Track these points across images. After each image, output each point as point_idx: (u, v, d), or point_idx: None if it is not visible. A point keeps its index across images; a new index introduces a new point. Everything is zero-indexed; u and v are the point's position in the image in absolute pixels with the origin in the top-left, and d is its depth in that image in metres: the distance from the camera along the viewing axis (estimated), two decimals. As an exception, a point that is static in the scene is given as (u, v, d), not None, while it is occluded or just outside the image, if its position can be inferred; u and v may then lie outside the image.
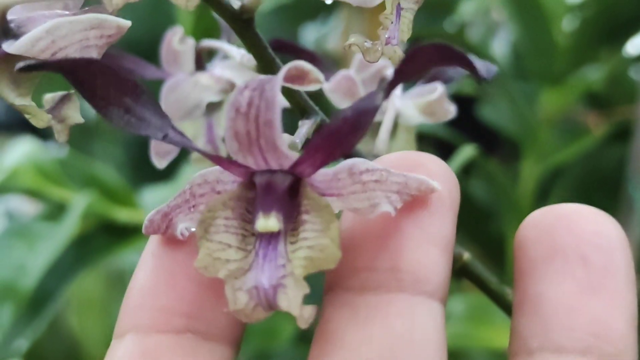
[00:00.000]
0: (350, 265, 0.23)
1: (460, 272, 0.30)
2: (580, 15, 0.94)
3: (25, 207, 0.99)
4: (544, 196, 0.87)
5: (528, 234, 0.24)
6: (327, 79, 0.34)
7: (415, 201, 0.23)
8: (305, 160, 0.22)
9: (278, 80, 0.21)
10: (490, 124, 0.93)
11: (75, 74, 0.21)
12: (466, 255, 0.30)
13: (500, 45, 1.15)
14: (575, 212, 0.24)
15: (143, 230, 0.24)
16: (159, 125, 0.22)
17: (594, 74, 0.86)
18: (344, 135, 0.21)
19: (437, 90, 0.34)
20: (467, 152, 0.62)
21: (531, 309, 0.24)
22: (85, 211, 0.68)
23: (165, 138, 0.21)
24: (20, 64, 0.21)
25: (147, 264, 0.25)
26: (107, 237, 0.73)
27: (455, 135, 0.89)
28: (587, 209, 0.24)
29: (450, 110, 0.35)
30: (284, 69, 0.22)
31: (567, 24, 0.92)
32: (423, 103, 0.34)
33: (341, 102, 0.33)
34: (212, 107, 0.34)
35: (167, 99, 0.33)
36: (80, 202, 0.68)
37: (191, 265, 0.23)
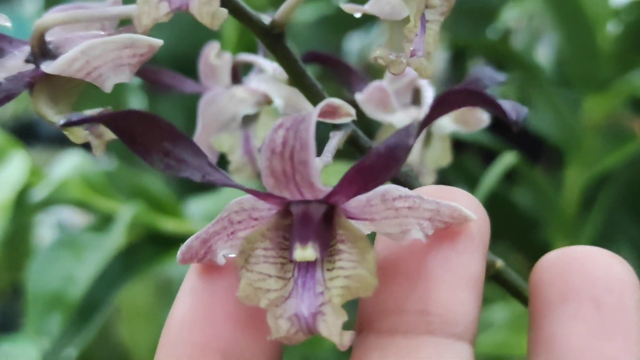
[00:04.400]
0: (379, 308, 0.24)
1: (493, 280, 0.30)
2: (624, 20, 0.93)
3: (76, 218, 1.01)
4: (589, 204, 0.87)
5: (542, 276, 0.25)
6: (361, 89, 0.35)
7: (444, 240, 0.24)
8: (339, 192, 0.23)
9: (312, 120, 0.22)
10: (534, 131, 0.93)
11: (116, 124, 0.21)
12: (499, 263, 0.30)
13: (545, 52, 1.14)
14: (587, 255, 0.25)
15: (178, 259, 0.25)
16: (197, 165, 0.22)
17: (639, 79, 0.85)
18: (377, 170, 0.22)
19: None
20: (507, 159, 0.62)
21: (545, 350, 0.24)
22: (131, 222, 0.69)
23: (204, 178, 0.22)
24: (63, 121, 0.22)
25: (186, 299, 0.25)
26: (153, 247, 0.75)
27: (499, 142, 0.88)
28: (599, 251, 0.25)
29: (484, 119, 0.35)
30: (318, 108, 0.22)
31: (611, 29, 0.91)
32: (456, 112, 0.34)
33: (374, 113, 0.34)
34: (249, 120, 0.35)
35: (205, 112, 0.34)
36: (126, 213, 0.69)
37: (228, 302, 0.24)
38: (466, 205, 0.24)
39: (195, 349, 0.24)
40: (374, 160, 0.22)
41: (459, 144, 0.37)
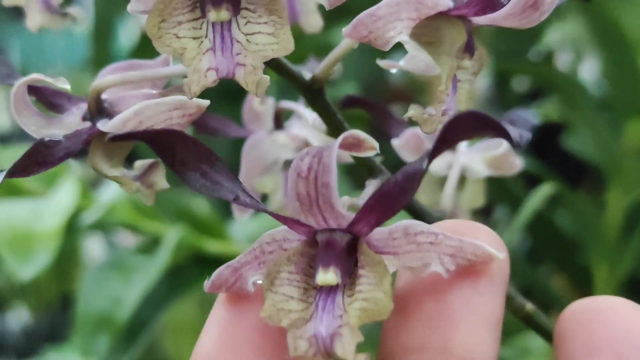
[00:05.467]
0: (401, 345, 0.25)
1: (523, 322, 0.31)
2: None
3: (125, 236, 1.03)
4: (631, 227, 0.86)
5: (566, 328, 0.25)
6: (398, 133, 0.36)
7: (465, 280, 0.24)
8: (361, 219, 0.24)
9: (334, 148, 0.23)
10: (575, 153, 0.93)
11: (158, 143, 0.23)
12: (529, 306, 0.31)
13: (591, 70, 1.13)
14: (610, 307, 0.25)
15: (207, 287, 0.26)
16: (231, 188, 0.24)
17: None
18: (395, 196, 0.24)
19: (502, 145, 0.35)
20: (546, 190, 0.63)
21: None
22: (177, 244, 0.71)
23: (235, 200, 0.24)
24: (110, 135, 0.23)
25: (213, 331, 0.26)
26: (198, 267, 0.76)
27: (540, 166, 0.89)
28: (622, 303, 0.25)
29: (517, 164, 0.36)
30: (341, 138, 0.24)
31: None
32: (489, 157, 0.35)
33: (410, 158, 0.35)
34: (290, 163, 0.36)
35: (248, 155, 0.36)
36: (172, 236, 0.71)
37: (254, 335, 0.25)
38: (489, 242, 0.24)
39: None
40: (392, 186, 0.23)
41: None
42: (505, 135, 0.23)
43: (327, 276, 0.24)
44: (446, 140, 0.23)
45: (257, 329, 0.26)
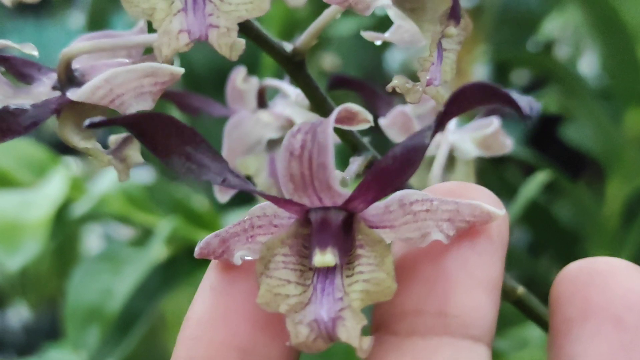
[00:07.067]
0: (397, 308, 0.24)
1: (515, 305, 0.30)
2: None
3: (123, 229, 1.02)
4: (630, 218, 0.85)
5: (563, 291, 0.24)
6: (385, 114, 0.35)
7: (463, 241, 0.24)
8: (357, 197, 0.23)
9: (330, 124, 0.22)
10: (574, 144, 0.92)
11: (138, 127, 0.22)
12: (520, 290, 0.30)
13: (591, 60, 1.13)
14: (608, 268, 0.24)
15: (196, 252, 0.25)
16: (218, 170, 0.23)
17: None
18: (394, 173, 0.22)
19: (492, 124, 0.34)
20: (542, 177, 0.62)
21: None
22: (170, 236, 0.70)
23: (224, 182, 0.23)
24: (87, 122, 0.22)
25: (205, 297, 0.25)
26: (192, 260, 0.75)
27: (538, 157, 0.88)
28: (620, 263, 0.24)
29: (507, 144, 0.35)
30: (335, 112, 0.23)
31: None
32: (479, 137, 0.34)
33: (397, 137, 0.34)
34: (273, 143, 0.35)
35: (231, 135, 0.35)
36: (164, 228, 0.70)
37: (247, 302, 0.24)
38: (485, 201, 0.24)
39: (213, 346, 0.25)
40: (390, 162, 0.22)
41: (500, 157, 0.37)
42: (514, 105, 0.21)
43: (325, 258, 0.23)
44: (451, 113, 0.22)
45: (250, 296, 0.24)
